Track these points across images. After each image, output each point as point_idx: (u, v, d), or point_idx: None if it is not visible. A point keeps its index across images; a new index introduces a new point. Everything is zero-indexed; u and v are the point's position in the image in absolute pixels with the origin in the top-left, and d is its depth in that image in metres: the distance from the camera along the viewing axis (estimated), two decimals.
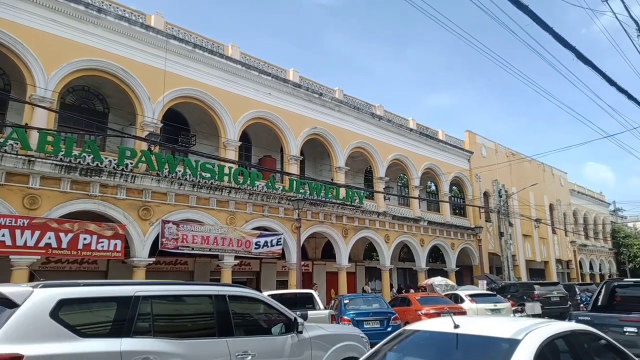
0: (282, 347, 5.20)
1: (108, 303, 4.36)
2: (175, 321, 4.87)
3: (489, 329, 3.80)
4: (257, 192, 16.89)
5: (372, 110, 23.27)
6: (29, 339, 3.75)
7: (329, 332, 5.97)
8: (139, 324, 4.31)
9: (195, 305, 5.06)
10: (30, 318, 3.82)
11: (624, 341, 5.92)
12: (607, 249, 44.54)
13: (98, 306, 4.35)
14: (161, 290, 4.78)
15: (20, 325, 3.76)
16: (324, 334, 5.80)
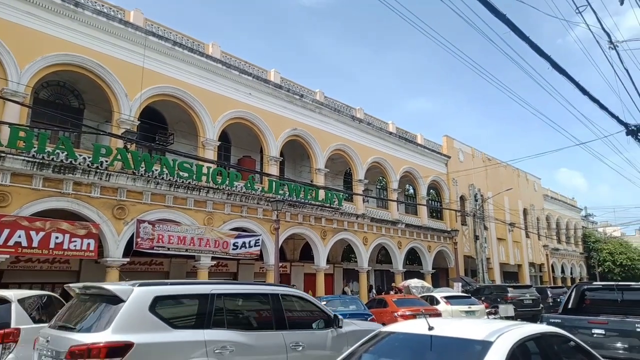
0: (324, 340, 5.87)
1: (191, 299, 5.07)
2: (242, 315, 5.55)
3: (462, 331, 3.86)
4: (235, 193, 16.76)
5: (353, 113, 23.39)
6: (135, 329, 4.37)
7: (361, 328, 6.56)
8: (215, 318, 4.97)
9: (255, 303, 5.79)
10: (134, 312, 4.47)
11: (592, 342, 6.10)
12: (578, 253, 45.78)
13: (184, 302, 5.06)
14: (230, 289, 5.58)
15: (128, 318, 4.40)
16: (356, 329, 6.40)
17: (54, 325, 4.92)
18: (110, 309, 4.49)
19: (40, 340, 4.83)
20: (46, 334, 4.73)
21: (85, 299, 5.01)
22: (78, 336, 4.35)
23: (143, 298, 4.63)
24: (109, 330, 4.29)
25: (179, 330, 4.72)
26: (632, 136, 10.25)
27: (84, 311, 4.84)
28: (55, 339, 4.55)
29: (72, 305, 5.08)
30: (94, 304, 4.77)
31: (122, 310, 4.43)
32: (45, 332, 4.85)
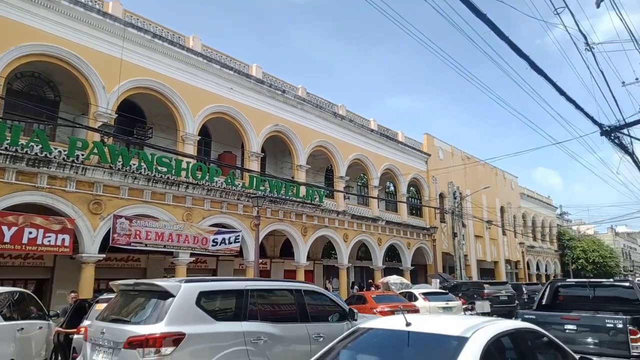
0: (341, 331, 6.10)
1: (229, 294, 5.58)
2: (271, 309, 5.99)
3: (439, 327, 3.91)
4: (215, 188, 16.59)
5: (335, 110, 23.40)
6: (185, 321, 4.84)
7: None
8: (250, 311, 5.47)
9: (282, 297, 6.32)
10: (184, 306, 4.94)
11: (564, 338, 6.24)
12: (553, 250, 46.90)
13: (223, 297, 5.55)
14: (261, 285, 6.20)
15: (179, 311, 4.87)
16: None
17: (105, 318, 5.36)
18: (161, 304, 4.96)
19: (92, 332, 5.29)
20: (99, 327, 5.18)
21: (134, 294, 5.53)
22: (135, 328, 4.83)
23: (190, 293, 5.10)
24: (163, 323, 4.75)
25: (220, 322, 5.20)
26: (606, 136, 10.51)
27: (136, 306, 5.34)
28: (111, 330, 4.98)
29: (118, 301, 5.62)
30: (145, 299, 5.25)
31: (173, 304, 4.89)
32: (96, 324, 5.33)
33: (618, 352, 6.45)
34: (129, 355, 4.66)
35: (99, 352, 5.05)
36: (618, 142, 11.02)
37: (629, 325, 6.46)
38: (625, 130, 11.12)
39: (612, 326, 6.63)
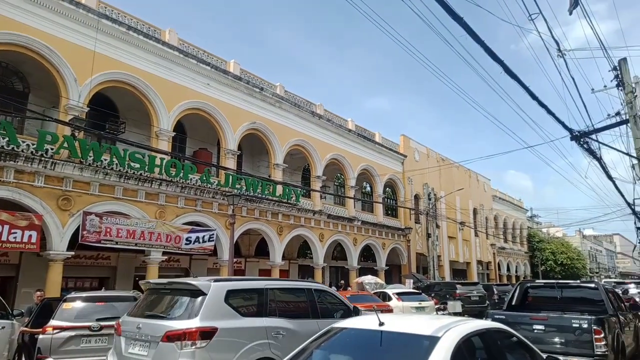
0: None
1: (252, 293, 6.13)
2: (287, 306, 6.52)
3: (411, 327, 3.94)
4: (190, 186, 16.34)
5: (313, 109, 23.38)
6: (216, 317, 5.33)
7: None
8: (270, 308, 6.03)
9: (296, 296, 6.93)
10: (215, 303, 5.44)
11: (532, 338, 6.38)
12: (523, 252, 48.09)
13: (247, 295, 6.09)
14: (278, 284, 6.89)
15: (211, 308, 5.36)
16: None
17: (139, 314, 5.82)
18: (194, 301, 5.45)
19: (127, 327, 5.67)
20: (135, 322, 5.58)
21: (165, 292, 6.06)
22: (172, 323, 5.28)
23: (219, 291, 5.61)
24: (198, 318, 5.22)
25: (245, 317, 5.73)
26: (576, 141, 10.80)
27: (170, 303, 5.83)
28: (148, 325, 5.41)
29: (149, 298, 6.10)
30: (178, 297, 5.76)
31: (206, 302, 5.38)
32: (131, 320, 5.74)
33: (583, 351, 6.63)
34: (168, 348, 5.09)
35: (134, 346, 5.47)
36: (587, 147, 11.35)
37: (593, 325, 6.65)
38: (594, 136, 11.48)
39: (577, 326, 6.81)
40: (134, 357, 5.43)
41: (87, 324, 7.55)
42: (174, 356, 5.05)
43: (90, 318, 7.68)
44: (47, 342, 7.31)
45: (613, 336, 6.97)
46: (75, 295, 8.36)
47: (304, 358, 3.91)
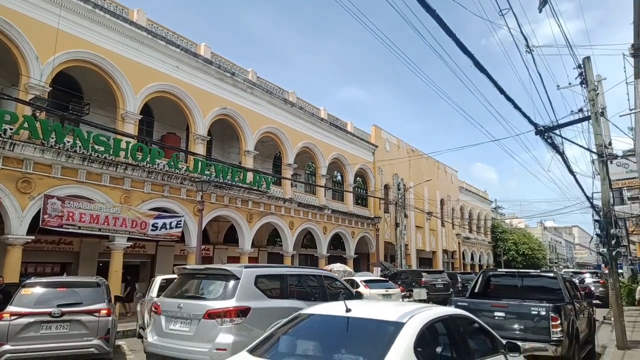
0: None
1: (275, 278, 7.09)
2: (303, 290, 7.36)
3: (377, 313, 4.02)
4: (157, 171, 15.96)
5: (285, 96, 23.18)
6: (249, 298, 6.25)
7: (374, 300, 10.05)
8: (289, 291, 6.93)
9: (309, 281, 7.74)
10: (247, 286, 6.36)
11: (493, 324, 6.59)
12: (487, 242, 49.58)
13: (271, 279, 7.01)
14: (295, 271, 7.96)
15: (244, 290, 6.27)
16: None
17: (178, 296, 6.63)
18: (229, 284, 6.36)
19: (166, 307, 6.46)
20: (175, 302, 6.39)
21: (202, 277, 7.00)
22: (212, 303, 6.20)
23: (250, 276, 6.54)
24: (234, 299, 6.13)
25: (271, 299, 6.64)
26: (540, 136, 11.12)
27: (207, 286, 6.72)
28: (189, 305, 6.29)
29: (183, 282, 6.98)
30: (214, 281, 6.66)
31: (240, 285, 6.29)
32: (170, 301, 6.54)
33: (540, 337, 6.92)
34: (209, 324, 5.92)
35: (175, 323, 6.26)
36: (551, 142, 11.71)
37: (551, 312, 6.94)
38: (558, 131, 11.84)
39: (536, 313, 7.09)
40: (175, 333, 6.21)
41: (47, 310, 7.34)
42: (215, 331, 5.86)
43: (50, 304, 7.46)
44: (4, 328, 7.07)
45: (568, 323, 7.29)
46: (35, 280, 8.10)
47: (272, 343, 3.92)
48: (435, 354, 3.76)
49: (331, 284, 8.21)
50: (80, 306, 7.63)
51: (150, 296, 10.20)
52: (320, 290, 7.61)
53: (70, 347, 7.35)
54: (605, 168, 11.64)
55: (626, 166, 16.94)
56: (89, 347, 7.48)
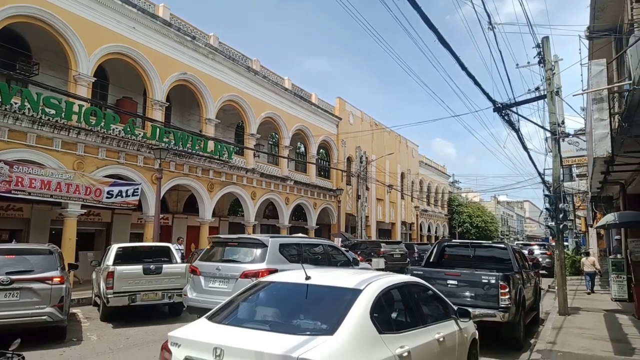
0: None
1: (294, 246, 8.63)
2: (314, 257, 8.93)
3: (335, 281, 4.11)
4: (112, 137, 15.34)
5: (248, 64, 22.60)
6: (275, 262, 7.70)
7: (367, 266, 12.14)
8: (304, 257, 8.35)
9: (318, 249, 9.39)
10: (273, 252, 7.88)
11: (446, 292, 6.90)
12: (443, 214, 51.30)
13: (290, 247, 8.48)
14: (307, 241, 9.94)
15: (271, 256, 7.81)
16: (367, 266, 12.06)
17: (216, 260, 8.20)
18: (259, 251, 7.94)
19: (205, 269, 7.99)
20: (213, 265, 7.95)
21: (234, 245, 8.63)
22: (246, 265, 7.77)
23: (275, 244, 8.11)
24: (265, 263, 7.68)
25: (291, 263, 7.82)
26: (498, 113, 11.42)
27: (241, 252, 8.26)
28: (227, 267, 7.83)
29: (219, 249, 8.58)
30: (246, 248, 8.24)
31: (268, 251, 7.85)
32: (207, 264, 8.10)
33: (490, 304, 7.30)
34: (245, 282, 6.68)
35: (214, 282, 7.73)
36: (508, 119, 12.06)
37: (500, 281, 7.32)
38: (515, 109, 12.20)
39: (486, 282, 7.45)
40: (214, 290, 7.62)
41: None
42: None
43: None
44: None
45: (516, 291, 7.72)
46: None
47: (231, 310, 3.94)
48: (391, 319, 3.90)
49: (334, 252, 9.76)
50: (32, 274, 7.36)
51: (106, 264, 9.96)
52: (326, 257, 9.18)
53: (21, 316, 7.12)
54: (557, 146, 12.17)
55: (576, 144, 17.78)
56: (41, 315, 7.26)
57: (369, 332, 3.33)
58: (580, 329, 9.11)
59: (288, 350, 2.82)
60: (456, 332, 4.78)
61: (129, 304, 9.30)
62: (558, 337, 8.29)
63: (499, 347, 7.48)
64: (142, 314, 10.08)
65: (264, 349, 2.89)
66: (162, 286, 9.71)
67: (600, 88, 6.86)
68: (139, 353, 7.17)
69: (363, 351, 3.14)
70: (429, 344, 4.03)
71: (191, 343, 3.25)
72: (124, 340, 7.97)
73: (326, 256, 9.16)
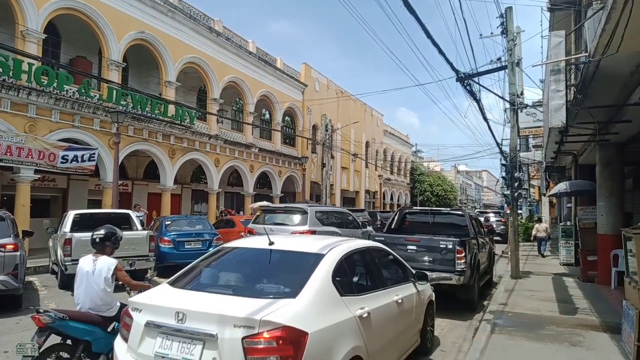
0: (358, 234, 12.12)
1: (326, 213, 11.94)
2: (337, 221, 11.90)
3: (299, 246, 4.17)
4: (66, 98, 14.56)
5: (211, 24, 21.73)
6: (313, 225, 10.51)
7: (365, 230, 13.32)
8: (331, 222, 11.47)
9: (338, 215, 12.41)
10: (312, 218, 10.66)
11: (406, 256, 7.12)
12: (406, 183, 52.41)
13: (324, 214, 11.59)
14: (333, 209, 13.76)
15: (310, 220, 10.57)
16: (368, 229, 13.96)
17: (269, 223, 10.68)
18: (301, 217, 10.72)
19: (260, 230, 9.34)
20: (267, 227, 8.52)
21: (281, 212, 11.51)
22: (294, 228, 10.37)
23: (313, 211, 10.86)
24: (307, 225, 10.39)
25: (325, 226, 10.89)
26: (460, 82, 11.59)
27: (287, 217, 10.99)
28: (279, 229, 9.94)
29: (270, 215, 11.40)
30: (291, 215, 11.06)
31: (308, 217, 10.58)
32: (261, 227, 10.00)
33: (446, 268, 7.62)
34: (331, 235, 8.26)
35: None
36: (469, 89, 12.27)
37: (456, 246, 7.62)
38: (477, 79, 12.40)
39: (444, 247, 7.75)
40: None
41: None
42: None
43: None
44: None
45: (472, 255, 8.07)
46: None
47: (194, 275, 3.93)
48: (352, 282, 4.01)
49: (348, 217, 12.74)
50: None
51: (63, 231, 9.65)
52: (343, 221, 12.22)
53: None
54: (516, 116, 12.53)
55: (534, 115, 18.39)
56: None
57: (331, 295, 3.42)
58: (530, 291, 9.68)
59: (250, 313, 2.85)
60: (414, 294, 4.98)
61: None
62: (509, 299, 8.79)
63: (455, 308, 7.87)
64: None
65: (226, 312, 2.91)
66: (123, 253, 9.48)
67: (559, 60, 7.05)
68: None
69: (324, 313, 3.22)
70: (388, 306, 4.18)
71: (153, 308, 3.23)
72: None
73: (345, 221, 12.29)
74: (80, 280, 4.16)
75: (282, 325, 2.81)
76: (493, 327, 6.54)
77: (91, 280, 4.09)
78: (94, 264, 4.18)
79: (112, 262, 4.21)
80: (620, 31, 4.88)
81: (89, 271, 4.13)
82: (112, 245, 4.39)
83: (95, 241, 4.31)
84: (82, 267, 4.19)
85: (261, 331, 2.77)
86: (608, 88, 7.25)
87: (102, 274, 4.12)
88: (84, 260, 4.25)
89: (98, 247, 4.32)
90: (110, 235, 4.35)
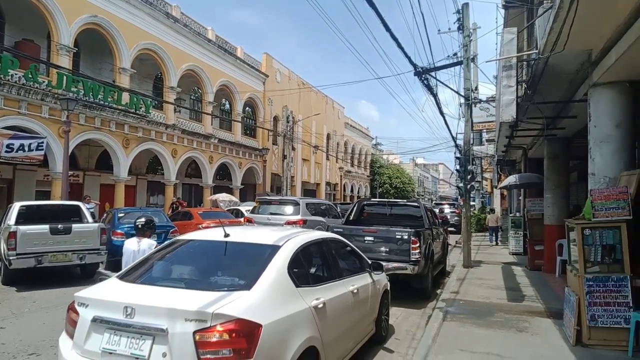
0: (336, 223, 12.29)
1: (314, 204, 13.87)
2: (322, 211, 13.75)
3: (255, 238, 4.13)
4: (11, 83, 13.75)
5: (168, 10, 21.05)
6: (304, 215, 12.42)
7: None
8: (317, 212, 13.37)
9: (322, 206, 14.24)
10: (303, 208, 12.64)
11: (363, 247, 7.23)
12: (366, 175, 53.09)
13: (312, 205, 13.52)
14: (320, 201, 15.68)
15: (303, 210, 12.48)
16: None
17: (265, 214, 12.55)
18: (294, 208, 12.52)
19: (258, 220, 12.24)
20: (265, 217, 12.11)
21: (276, 203, 13.12)
22: (287, 217, 12.10)
23: (304, 203, 12.70)
24: (299, 215, 12.14)
25: (314, 216, 12.69)
26: (418, 77, 11.75)
27: (281, 208, 12.68)
28: (274, 218, 12.02)
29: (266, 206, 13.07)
30: (285, 205, 12.80)
31: (300, 207, 12.41)
32: (259, 216, 12.41)
33: (402, 258, 7.79)
34: (288, 227, 8.23)
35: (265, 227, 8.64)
36: (427, 84, 12.50)
37: (411, 236, 7.80)
38: (434, 74, 12.66)
39: (400, 237, 7.91)
40: None
41: None
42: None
43: None
44: None
45: (426, 246, 8.29)
46: None
47: (145, 269, 3.83)
48: (308, 273, 4.02)
49: (330, 208, 14.63)
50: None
51: (8, 224, 9.13)
52: (327, 211, 13.99)
53: None
54: (470, 111, 12.91)
55: (487, 110, 19.01)
56: None
57: (286, 286, 3.41)
58: (480, 279, 10.07)
59: (203, 307, 2.80)
60: (369, 284, 5.06)
61: (35, 265, 8.67)
62: (461, 287, 9.11)
63: (409, 297, 8.08)
64: (51, 276, 9.48)
65: (177, 306, 2.84)
66: (72, 247, 9.14)
67: (511, 56, 7.30)
68: (46, 316, 6.78)
69: (279, 304, 3.21)
70: (344, 296, 4.23)
71: (99, 302, 3.11)
72: (30, 304, 7.47)
73: (327, 211, 14.06)
74: (128, 257, 5.09)
75: (235, 317, 2.77)
76: (445, 314, 6.76)
77: (137, 257, 4.78)
78: (138, 244, 5.22)
79: (152, 243, 5.26)
80: (566, 30, 5.10)
81: (135, 250, 5.11)
82: (151, 230, 5.44)
83: (138, 227, 5.38)
84: (129, 247, 5.21)
85: (213, 324, 2.72)
86: (556, 85, 7.59)
87: (146, 252, 4.89)
88: (130, 242, 5.28)
89: (140, 231, 5.35)
90: (149, 222, 5.45)
